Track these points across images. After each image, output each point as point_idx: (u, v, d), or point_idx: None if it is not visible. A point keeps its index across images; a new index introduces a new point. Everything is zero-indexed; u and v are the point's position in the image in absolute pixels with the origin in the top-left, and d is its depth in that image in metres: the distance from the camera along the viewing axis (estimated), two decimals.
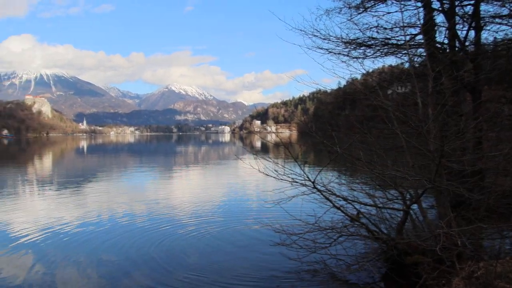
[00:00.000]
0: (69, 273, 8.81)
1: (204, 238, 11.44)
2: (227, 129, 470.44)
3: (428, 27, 11.40)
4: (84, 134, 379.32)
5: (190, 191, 21.42)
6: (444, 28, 12.67)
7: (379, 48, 13.24)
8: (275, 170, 8.38)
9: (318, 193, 8.40)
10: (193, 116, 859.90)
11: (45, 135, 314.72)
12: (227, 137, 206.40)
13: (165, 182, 26.18)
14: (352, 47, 13.07)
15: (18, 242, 11.42)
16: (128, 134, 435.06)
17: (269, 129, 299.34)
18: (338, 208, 8.29)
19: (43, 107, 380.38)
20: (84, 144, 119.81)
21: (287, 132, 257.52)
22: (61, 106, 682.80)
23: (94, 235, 11.95)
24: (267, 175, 8.44)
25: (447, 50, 12.42)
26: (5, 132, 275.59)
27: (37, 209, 16.69)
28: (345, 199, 8.48)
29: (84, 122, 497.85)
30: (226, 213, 15.17)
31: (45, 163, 47.59)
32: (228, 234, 11.87)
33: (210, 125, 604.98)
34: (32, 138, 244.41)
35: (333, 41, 12.87)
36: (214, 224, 13.22)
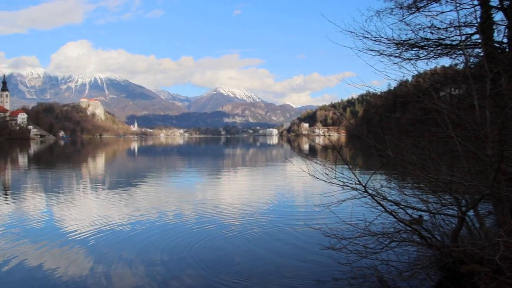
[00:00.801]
0: (118, 270, 9.01)
1: (251, 240, 11.45)
2: (275, 131, 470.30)
3: (486, 26, 10.95)
4: (135, 136, 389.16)
5: (237, 192, 21.52)
6: (503, 27, 12.13)
7: (432, 49, 12.83)
8: (326, 173, 8.26)
9: (368, 197, 8.21)
10: (241, 118, 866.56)
11: (98, 136, 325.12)
12: (275, 140, 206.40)
13: (213, 183, 26.43)
14: (404, 49, 12.72)
15: (72, 238, 11.88)
16: (178, 136, 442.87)
17: (317, 131, 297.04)
18: (390, 213, 8.07)
19: (97, 109, 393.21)
20: (135, 145, 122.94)
21: (336, 135, 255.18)
22: (114, 109, 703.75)
23: (143, 234, 12.20)
24: (317, 178, 8.32)
25: (506, 50, 11.89)
26: (61, 133, 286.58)
27: (90, 207, 17.28)
28: (397, 204, 8.25)
29: (135, 124, 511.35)
30: (273, 214, 15.12)
31: (98, 163, 49.17)
32: (275, 236, 11.83)
33: (258, 127, 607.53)
34: (87, 139, 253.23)
35: (384, 43, 12.57)
36: (261, 225, 13.22)
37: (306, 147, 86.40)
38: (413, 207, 8.35)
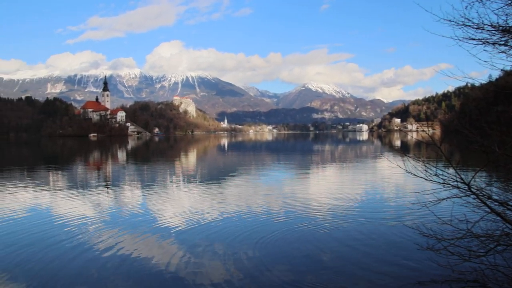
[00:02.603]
0: (208, 262, 9.20)
1: (341, 237, 11.22)
2: (364, 127, 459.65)
3: None
4: (225, 132, 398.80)
5: (326, 188, 21.14)
6: None
7: None
8: (425, 170, 7.80)
9: (471, 196, 7.64)
10: (330, 114, 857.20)
11: (190, 133, 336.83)
12: (364, 136, 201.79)
13: (301, 179, 26.25)
14: (511, 36, 11.75)
15: (165, 229, 12.40)
16: (266, 132, 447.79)
17: (409, 127, 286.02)
18: (498, 214, 7.45)
19: (188, 107, 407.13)
20: (225, 141, 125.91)
21: (430, 131, 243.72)
22: (204, 106, 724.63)
23: (233, 228, 12.38)
24: (415, 175, 7.89)
25: None
26: (156, 130, 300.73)
27: (182, 200, 17.92)
28: (504, 204, 7.60)
29: (225, 120, 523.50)
30: (363, 211, 14.72)
31: (190, 158, 50.89)
32: (367, 233, 11.51)
33: (348, 123, 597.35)
34: (179, 135, 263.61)
35: (487, 30, 11.66)
36: (351, 222, 12.94)
37: (398, 143, 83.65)
38: None
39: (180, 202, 17.32)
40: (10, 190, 20.83)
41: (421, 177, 7.83)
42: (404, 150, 47.03)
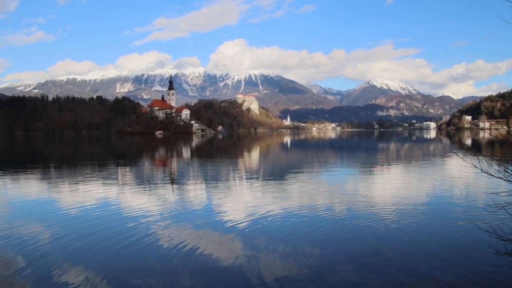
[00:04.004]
0: (270, 259, 9.12)
1: (407, 236, 10.82)
2: (432, 125, 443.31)
3: None
4: (288, 130, 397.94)
5: (392, 186, 20.46)
6: None
7: None
8: (504, 170, 7.28)
9: None
10: (395, 111, 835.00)
11: (253, 130, 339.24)
12: (432, 134, 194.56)
13: (365, 177, 25.59)
14: None
15: (228, 224, 12.60)
16: (330, 130, 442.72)
17: (481, 125, 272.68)
18: None
19: (251, 105, 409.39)
20: (287, 139, 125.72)
21: (504, 129, 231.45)
22: (267, 104, 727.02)
23: (295, 225, 12.27)
24: (491, 175, 7.38)
25: None
26: (220, 128, 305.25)
27: (244, 196, 18.04)
28: None
29: (288, 118, 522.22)
30: (431, 211, 14.07)
31: (253, 155, 51.16)
32: (435, 234, 10.96)
33: (414, 121, 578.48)
34: (242, 133, 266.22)
35: None
36: (417, 221, 12.46)
37: (468, 141, 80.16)
38: None
39: (242, 199, 17.41)
40: (83, 185, 21.76)
41: (499, 177, 7.32)
42: (476, 149, 44.82)
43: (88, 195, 18.41)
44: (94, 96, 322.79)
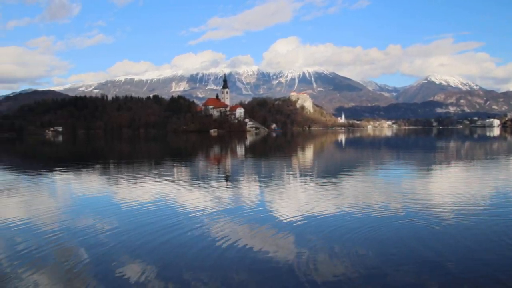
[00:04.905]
0: (325, 260, 9.06)
1: (468, 240, 10.39)
2: (496, 122, 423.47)
3: None
4: (342, 128, 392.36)
5: (451, 186, 19.68)
6: None
7: None
8: None
9: None
10: (455, 108, 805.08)
11: (307, 128, 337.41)
12: (496, 131, 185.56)
13: (423, 176, 24.68)
14: None
15: (280, 223, 12.54)
16: (385, 128, 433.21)
17: None
18: None
19: (305, 102, 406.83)
20: (342, 137, 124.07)
21: None
22: (321, 101, 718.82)
23: (350, 225, 12.08)
24: None
25: None
26: (273, 126, 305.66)
27: (298, 195, 17.97)
28: None
29: (343, 116, 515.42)
30: (496, 212, 13.40)
31: (307, 153, 50.94)
32: (501, 237, 10.51)
33: (476, 118, 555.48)
34: (297, 131, 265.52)
35: None
36: (480, 223, 11.94)
37: None
38: None
39: (296, 197, 17.41)
40: (140, 181, 22.47)
41: None
42: None
43: (145, 192, 18.98)
44: (151, 96, 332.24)
